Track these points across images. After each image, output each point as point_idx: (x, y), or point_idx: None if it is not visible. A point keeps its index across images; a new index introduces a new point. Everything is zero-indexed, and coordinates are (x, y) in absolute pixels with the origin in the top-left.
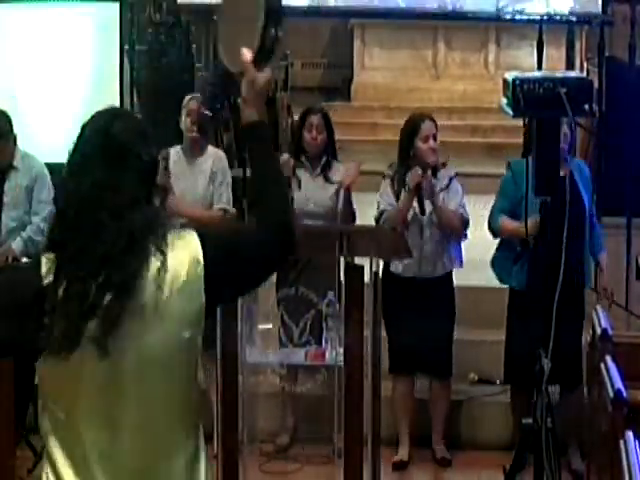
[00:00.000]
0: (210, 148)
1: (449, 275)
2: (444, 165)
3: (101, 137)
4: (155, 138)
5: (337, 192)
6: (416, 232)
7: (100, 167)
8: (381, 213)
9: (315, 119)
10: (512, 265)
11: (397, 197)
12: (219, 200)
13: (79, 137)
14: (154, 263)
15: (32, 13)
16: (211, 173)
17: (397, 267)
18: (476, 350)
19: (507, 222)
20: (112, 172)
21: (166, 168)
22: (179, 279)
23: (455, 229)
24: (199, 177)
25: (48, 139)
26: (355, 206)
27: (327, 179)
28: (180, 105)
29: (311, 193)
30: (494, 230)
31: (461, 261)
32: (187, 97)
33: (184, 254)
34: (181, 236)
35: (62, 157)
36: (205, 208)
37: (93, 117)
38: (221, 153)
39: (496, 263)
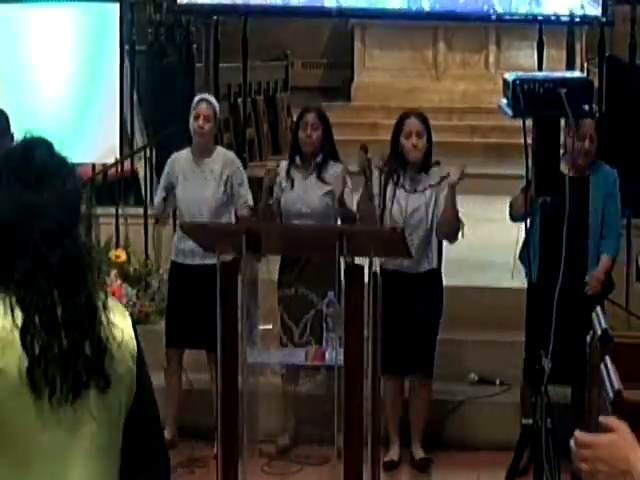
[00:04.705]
0: (219, 149)
1: (436, 272)
2: (438, 163)
3: (21, 160)
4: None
5: (330, 194)
6: (400, 226)
7: (20, 189)
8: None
9: (310, 117)
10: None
11: (383, 191)
12: (245, 200)
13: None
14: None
15: (32, 13)
16: (224, 177)
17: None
18: (476, 350)
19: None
20: (34, 196)
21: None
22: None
23: (454, 229)
24: (208, 177)
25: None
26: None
27: (321, 179)
28: (180, 105)
29: (302, 193)
30: (509, 208)
31: (440, 260)
32: (196, 98)
33: (123, 321)
34: (117, 308)
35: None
36: (214, 209)
37: (14, 146)
38: (232, 154)
39: (523, 257)
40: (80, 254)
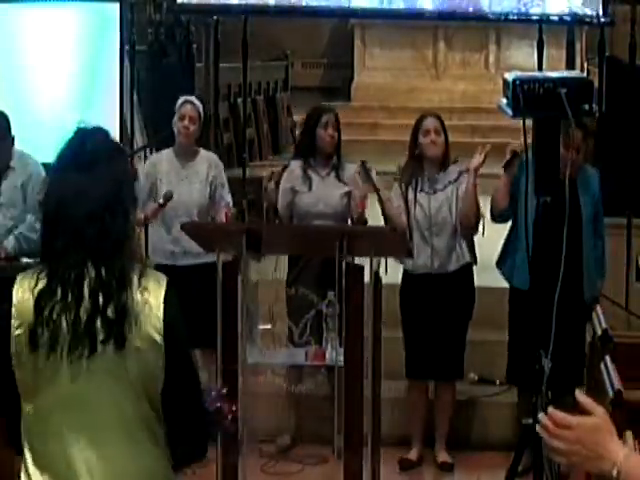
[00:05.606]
0: (203, 151)
1: (465, 269)
2: (455, 161)
3: (76, 145)
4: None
5: (347, 196)
6: (425, 228)
7: (74, 172)
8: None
9: (331, 117)
10: (514, 263)
11: (405, 197)
12: (227, 202)
13: (61, 148)
14: (135, 277)
15: (32, 13)
16: (210, 177)
17: (410, 265)
18: (476, 350)
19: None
20: (85, 177)
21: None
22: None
23: (474, 219)
24: (194, 180)
25: (47, 139)
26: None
27: (339, 179)
28: None
29: (321, 193)
30: (491, 205)
31: (474, 255)
32: (180, 100)
33: (156, 295)
34: (154, 276)
35: None
36: (202, 211)
37: (73, 134)
38: (215, 156)
39: (502, 262)
40: (119, 229)
